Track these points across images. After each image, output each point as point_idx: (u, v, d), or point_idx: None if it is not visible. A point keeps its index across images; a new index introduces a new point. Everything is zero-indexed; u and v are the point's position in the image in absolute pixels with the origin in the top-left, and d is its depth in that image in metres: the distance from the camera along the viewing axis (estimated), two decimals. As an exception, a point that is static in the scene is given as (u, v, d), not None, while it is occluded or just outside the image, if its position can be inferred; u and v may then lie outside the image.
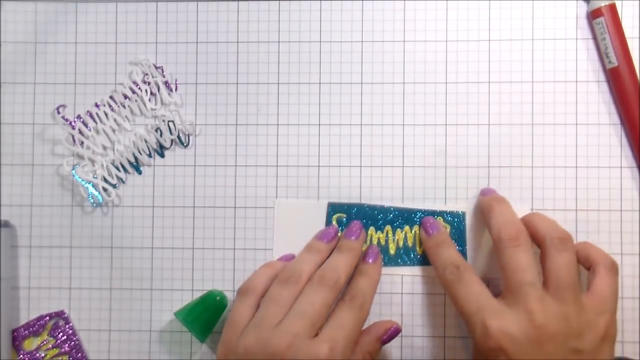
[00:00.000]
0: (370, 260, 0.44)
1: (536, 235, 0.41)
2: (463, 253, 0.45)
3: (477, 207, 0.45)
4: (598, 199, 0.45)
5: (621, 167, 0.45)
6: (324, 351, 0.38)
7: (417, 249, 0.46)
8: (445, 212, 0.45)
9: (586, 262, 0.42)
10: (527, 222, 0.42)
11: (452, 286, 0.41)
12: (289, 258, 0.45)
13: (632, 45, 0.45)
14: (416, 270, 0.46)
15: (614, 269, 0.41)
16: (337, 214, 0.46)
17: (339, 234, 0.45)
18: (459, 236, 0.45)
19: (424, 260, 0.45)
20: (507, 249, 0.40)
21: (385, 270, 0.46)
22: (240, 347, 0.39)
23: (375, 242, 0.46)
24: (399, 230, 0.46)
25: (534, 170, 0.46)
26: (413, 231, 0.46)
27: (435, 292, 0.46)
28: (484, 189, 0.45)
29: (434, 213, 0.46)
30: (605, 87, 0.46)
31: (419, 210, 0.46)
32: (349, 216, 0.46)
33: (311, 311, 0.40)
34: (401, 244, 0.46)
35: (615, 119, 0.45)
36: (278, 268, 0.44)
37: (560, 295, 0.39)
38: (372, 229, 0.46)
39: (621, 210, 0.45)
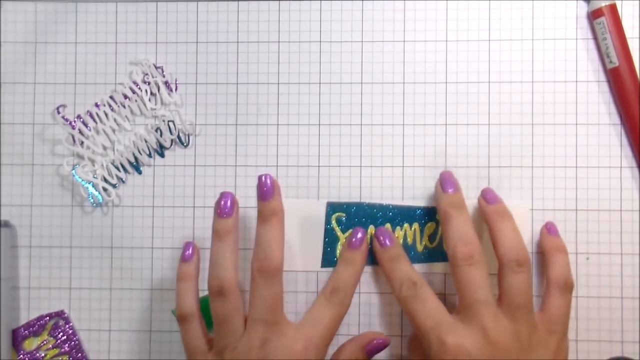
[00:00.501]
0: (355, 247, 0.44)
1: (496, 252, 0.42)
2: None
3: (433, 193, 0.45)
4: (598, 199, 0.45)
5: (621, 167, 0.45)
6: (298, 350, 0.40)
7: (418, 246, 0.46)
8: None
9: (545, 273, 0.43)
10: (490, 232, 0.43)
11: (409, 302, 0.41)
12: (192, 252, 0.44)
13: (632, 45, 0.45)
14: (417, 268, 0.45)
15: (567, 288, 0.42)
16: (337, 213, 0.46)
17: (235, 197, 0.43)
18: None
19: (424, 257, 0.45)
20: (461, 267, 0.41)
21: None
22: None
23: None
24: (398, 228, 0.46)
25: (534, 170, 0.46)
26: (413, 229, 0.46)
27: (436, 292, 0.45)
28: (444, 173, 0.44)
29: (433, 210, 0.46)
30: (605, 87, 0.46)
31: (418, 208, 0.46)
32: (348, 215, 0.46)
33: (270, 315, 0.40)
34: (401, 241, 0.45)
35: (615, 119, 0.45)
36: (194, 274, 0.44)
37: (513, 314, 0.40)
38: (371, 228, 0.46)
39: (621, 210, 0.45)
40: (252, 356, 0.40)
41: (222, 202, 0.42)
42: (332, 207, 0.46)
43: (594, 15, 0.45)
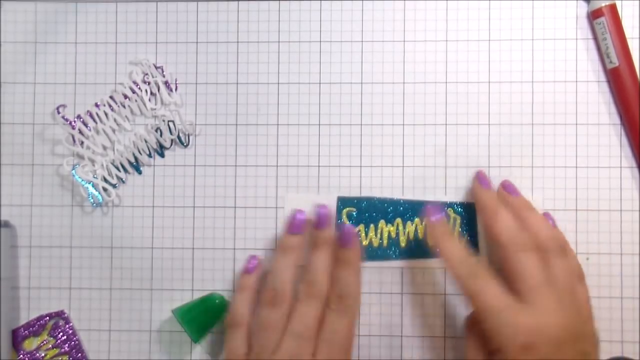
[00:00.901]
0: (348, 245, 0.43)
1: (535, 241, 0.41)
2: (474, 244, 0.45)
3: (472, 194, 0.45)
4: (598, 199, 0.45)
5: (621, 167, 0.45)
6: None
7: (429, 241, 0.45)
8: (456, 203, 0.45)
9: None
10: (525, 224, 0.42)
11: (471, 280, 0.40)
12: (255, 265, 0.45)
13: (632, 45, 0.45)
14: (427, 264, 0.45)
15: (581, 277, 0.42)
16: (347, 208, 0.46)
17: (307, 217, 0.44)
18: (470, 227, 0.45)
19: (435, 253, 0.45)
20: (519, 253, 0.40)
21: (395, 263, 0.46)
22: None
23: (385, 235, 0.45)
24: (409, 222, 0.46)
25: (534, 170, 0.46)
26: (423, 224, 0.46)
27: (436, 293, 0.46)
28: (480, 176, 0.45)
29: (444, 204, 0.45)
30: (605, 87, 0.46)
31: (429, 202, 0.46)
32: (358, 210, 0.46)
33: (306, 332, 0.41)
34: (412, 236, 0.45)
35: (615, 119, 0.45)
36: (253, 287, 0.44)
37: (562, 300, 0.39)
38: (382, 222, 0.46)
39: (621, 210, 0.45)
40: None
41: (295, 219, 0.44)
42: (342, 202, 0.46)
43: (594, 15, 0.45)
